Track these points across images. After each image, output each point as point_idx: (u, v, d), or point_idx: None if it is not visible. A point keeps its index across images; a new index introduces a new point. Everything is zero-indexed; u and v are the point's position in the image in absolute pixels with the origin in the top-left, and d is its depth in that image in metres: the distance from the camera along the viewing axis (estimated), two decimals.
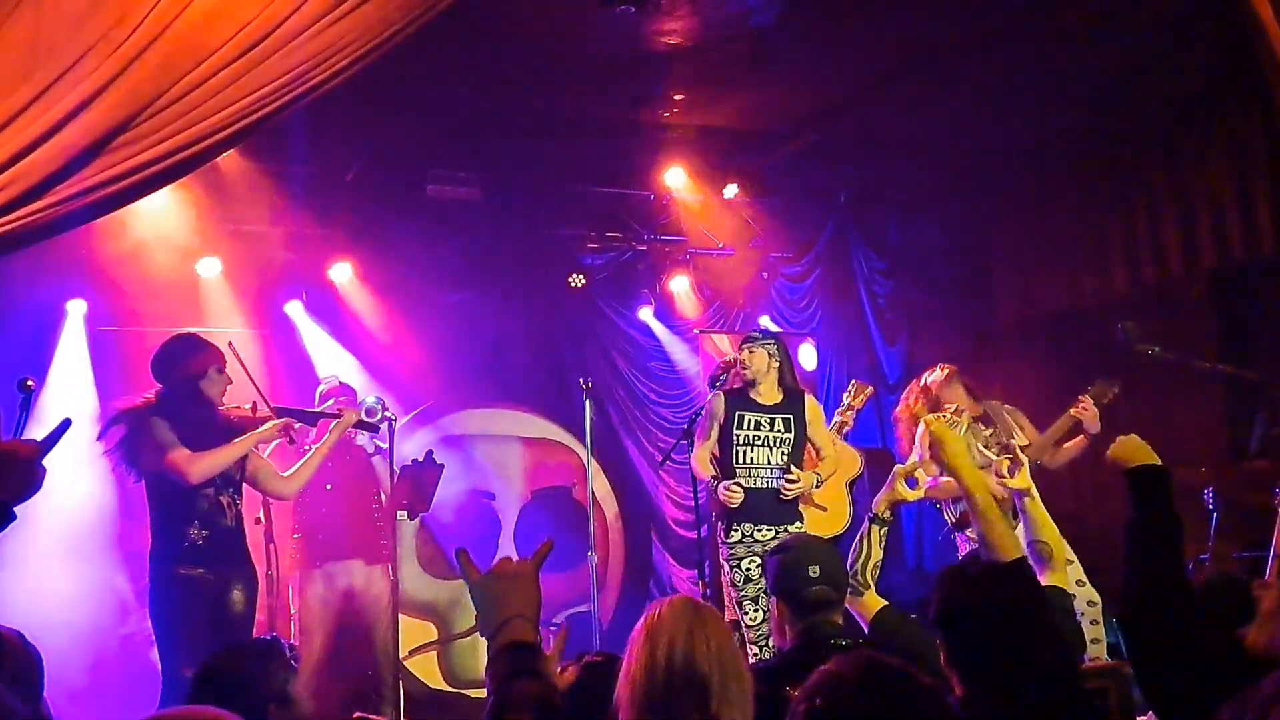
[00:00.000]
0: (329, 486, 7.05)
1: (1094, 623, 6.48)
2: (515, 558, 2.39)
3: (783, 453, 6.49)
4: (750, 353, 6.65)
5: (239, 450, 5.50)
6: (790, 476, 6.41)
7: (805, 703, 2.14)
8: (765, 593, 6.27)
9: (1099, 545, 7.42)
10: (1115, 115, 8.02)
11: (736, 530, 6.47)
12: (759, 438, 6.51)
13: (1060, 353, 8.58)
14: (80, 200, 4.20)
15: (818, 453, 6.65)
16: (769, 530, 6.40)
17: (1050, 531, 4.14)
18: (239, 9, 4.26)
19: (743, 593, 6.41)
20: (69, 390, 7.34)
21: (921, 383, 7.10)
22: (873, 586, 4.11)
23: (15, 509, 2.56)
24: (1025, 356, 8.67)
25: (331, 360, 8.05)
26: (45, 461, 2.56)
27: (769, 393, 6.63)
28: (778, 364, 6.66)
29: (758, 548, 6.35)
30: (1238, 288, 8.02)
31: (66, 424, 2.62)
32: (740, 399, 6.63)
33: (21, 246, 4.33)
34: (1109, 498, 8.27)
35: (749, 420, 6.55)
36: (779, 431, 6.55)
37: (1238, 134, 7.58)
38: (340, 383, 7.23)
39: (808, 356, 9.56)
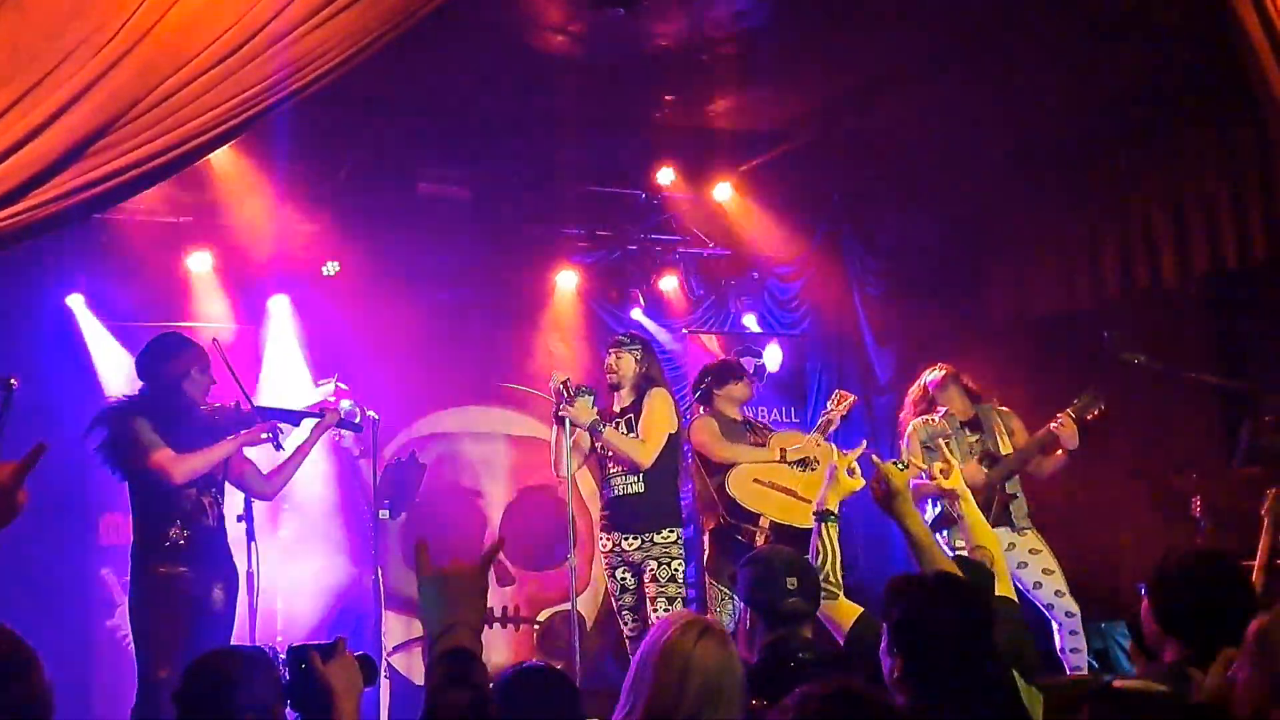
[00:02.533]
0: (320, 486, 7.07)
1: (1073, 633, 6.50)
2: (464, 560, 2.39)
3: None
4: (617, 358, 6.57)
5: (223, 452, 5.53)
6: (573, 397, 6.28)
7: None
8: (644, 602, 6.29)
9: (1087, 557, 7.46)
10: (1109, 118, 7.99)
11: (606, 540, 6.44)
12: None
13: (1053, 355, 8.55)
14: (59, 204, 4.21)
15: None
16: (634, 539, 6.32)
17: (988, 536, 4.12)
18: (219, 15, 4.26)
19: (620, 602, 6.39)
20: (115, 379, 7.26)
21: (921, 382, 7.09)
22: (842, 589, 4.10)
23: None
24: (1018, 358, 8.65)
25: (319, 356, 8.05)
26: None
27: (626, 397, 6.56)
28: (644, 369, 6.57)
29: (626, 558, 6.34)
30: (1230, 292, 8.01)
31: (40, 448, 2.61)
32: (605, 410, 6.58)
33: (1, 249, 4.34)
34: (1101, 510, 8.31)
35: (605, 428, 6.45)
36: (623, 433, 6.43)
37: (1231, 139, 7.55)
38: (337, 387, 7.20)
39: (772, 357, 9.49)
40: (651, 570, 6.23)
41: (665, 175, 8.74)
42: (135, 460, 5.35)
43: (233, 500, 5.82)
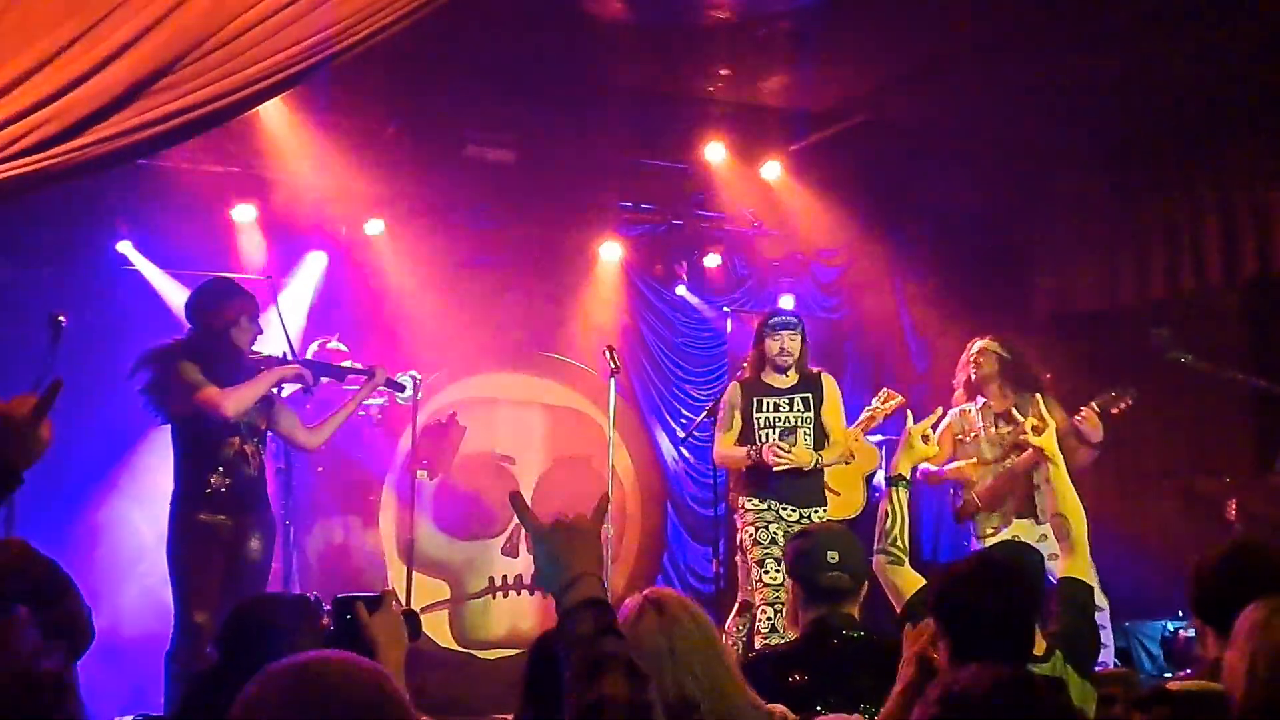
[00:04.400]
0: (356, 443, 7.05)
1: (1102, 628, 6.44)
2: (571, 515, 2.29)
3: (804, 432, 6.40)
4: (790, 339, 6.50)
5: (264, 386, 5.52)
6: (781, 445, 6.29)
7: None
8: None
9: (1114, 555, 7.41)
10: (1163, 118, 7.92)
11: (764, 501, 6.39)
12: (779, 419, 6.41)
13: (1094, 353, 8.49)
14: (116, 142, 4.20)
15: (827, 436, 6.50)
16: (794, 511, 6.33)
17: (1070, 505, 3.99)
18: None
19: (766, 552, 6.31)
20: None
21: (970, 353, 6.94)
22: (907, 557, 4.04)
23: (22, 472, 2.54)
24: (1058, 354, 8.58)
25: (357, 314, 8.07)
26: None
27: (792, 376, 6.54)
28: (807, 347, 6.59)
29: (784, 525, 6.29)
30: (1277, 298, 7.94)
31: (57, 385, 2.60)
32: (756, 385, 6.56)
33: (56, 184, 4.34)
34: (1129, 509, 8.26)
35: (768, 404, 6.47)
36: (799, 411, 6.46)
37: None
38: (327, 347, 7.17)
39: None
40: None
41: (714, 151, 8.68)
42: (181, 402, 5.33)
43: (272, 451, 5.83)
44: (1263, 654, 2.52)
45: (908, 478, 4.22)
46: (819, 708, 3.38)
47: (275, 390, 5.78)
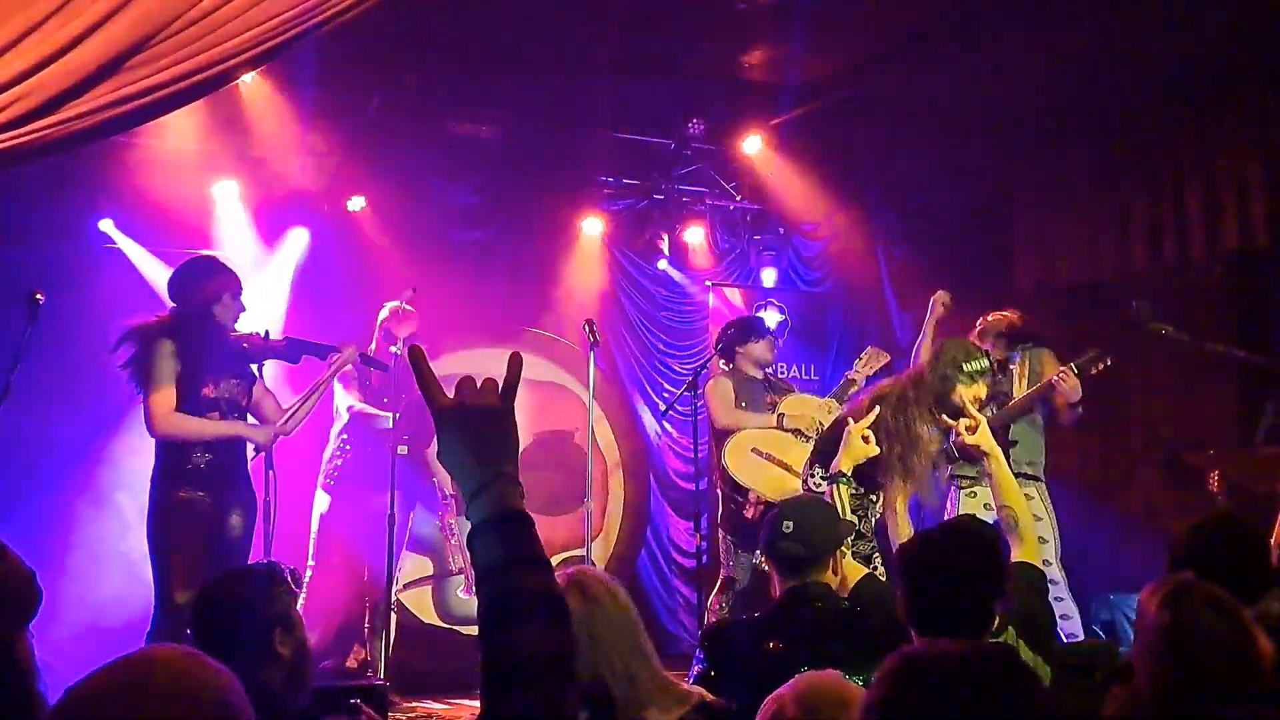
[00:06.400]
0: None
1: (1058, 600, 6.46)
2: (478, 382, 1.81)
3: None
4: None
5: (222, 431, 5.44)
6: None
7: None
8: None
9: (1103, 524, 7.46)
10: (1145, 90, 7.92)
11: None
12: None
13: (1077, 325, 8.51)
14: (92, 119, 4.21)
15: None
16: None
17: (1014, 497, 4.05)
18: None
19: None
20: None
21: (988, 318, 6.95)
22: (849, 550, 4.09)
23: None
24: (1041, 327, 8.61)
25: (340, 291, 8.06)
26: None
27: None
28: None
29: None
30: (1259, 271, 7.96)
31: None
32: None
33: (30, 161, 4.36)
34: (1113, 481, 8.30)
35: None
36: None
37: (1268, 116, 7.48)
38: (397, 309, 7.14)
39: (770, 318, 9.23)
40: None
41: (696, 125, 8.68)
42: (146, 385, 5.31)
43: None
44: (1150, 654, 2.53)
45: (849, 475, 4.26)
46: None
47: (257, 369, 5.76)
